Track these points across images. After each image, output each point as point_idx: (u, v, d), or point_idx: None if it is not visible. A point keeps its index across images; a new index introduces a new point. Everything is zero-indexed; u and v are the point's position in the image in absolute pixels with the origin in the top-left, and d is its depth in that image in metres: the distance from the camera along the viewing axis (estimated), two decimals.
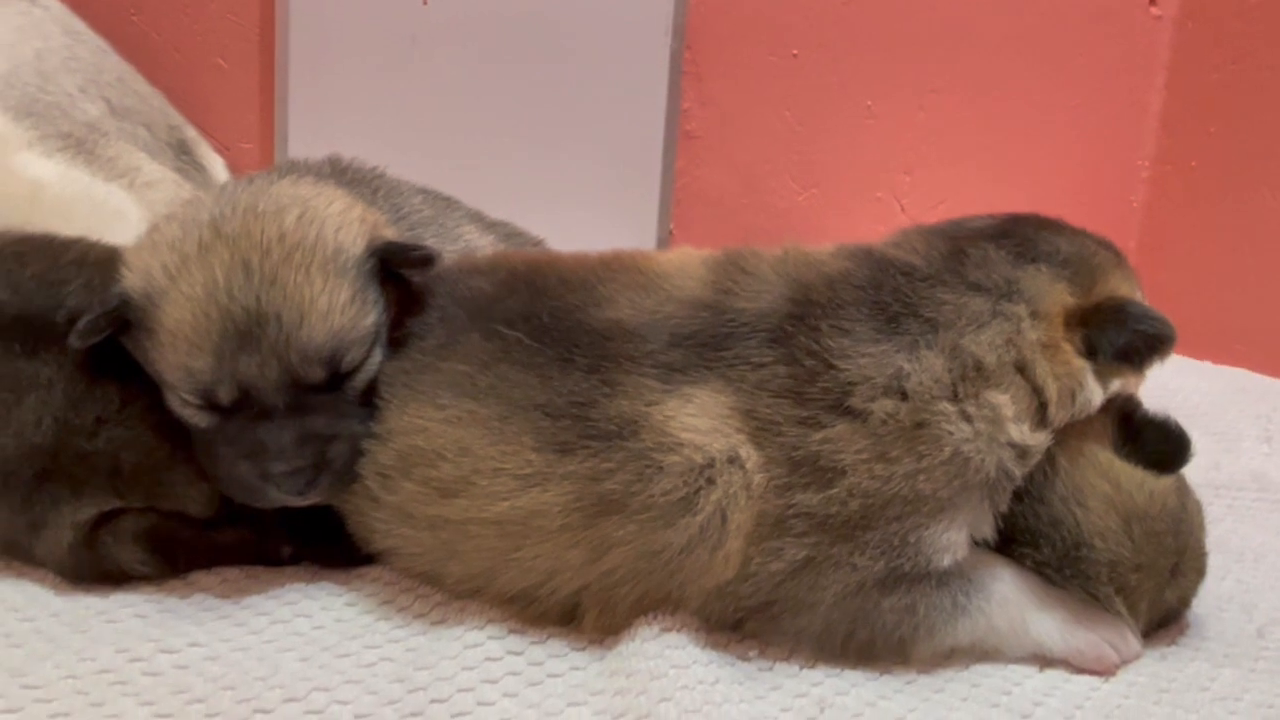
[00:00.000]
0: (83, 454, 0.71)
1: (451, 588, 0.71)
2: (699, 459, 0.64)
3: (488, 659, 0.63)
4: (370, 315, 0.72)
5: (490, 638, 0.66)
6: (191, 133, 1.43)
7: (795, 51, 1.71)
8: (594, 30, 1.63)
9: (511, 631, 0.67)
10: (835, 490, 0.63)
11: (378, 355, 0.73)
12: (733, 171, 1.73)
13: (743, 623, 0.67)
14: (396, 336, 0.75)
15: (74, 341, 0.70)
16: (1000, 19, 1.67)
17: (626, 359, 0.67)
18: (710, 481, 0.64)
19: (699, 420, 0.65)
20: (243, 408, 0.68)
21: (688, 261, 0.73)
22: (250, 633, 0.67)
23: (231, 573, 0.74)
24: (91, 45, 1.30)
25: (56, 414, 0.72)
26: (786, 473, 0.63)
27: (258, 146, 1.65)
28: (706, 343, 0.67)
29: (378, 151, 0.95)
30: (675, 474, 0.64)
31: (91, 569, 0.72)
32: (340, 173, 0.88)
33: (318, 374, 0.69)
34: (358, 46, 1.61)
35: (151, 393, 0.72)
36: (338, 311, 0.69)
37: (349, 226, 0.73)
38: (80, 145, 1.14)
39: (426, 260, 0.75)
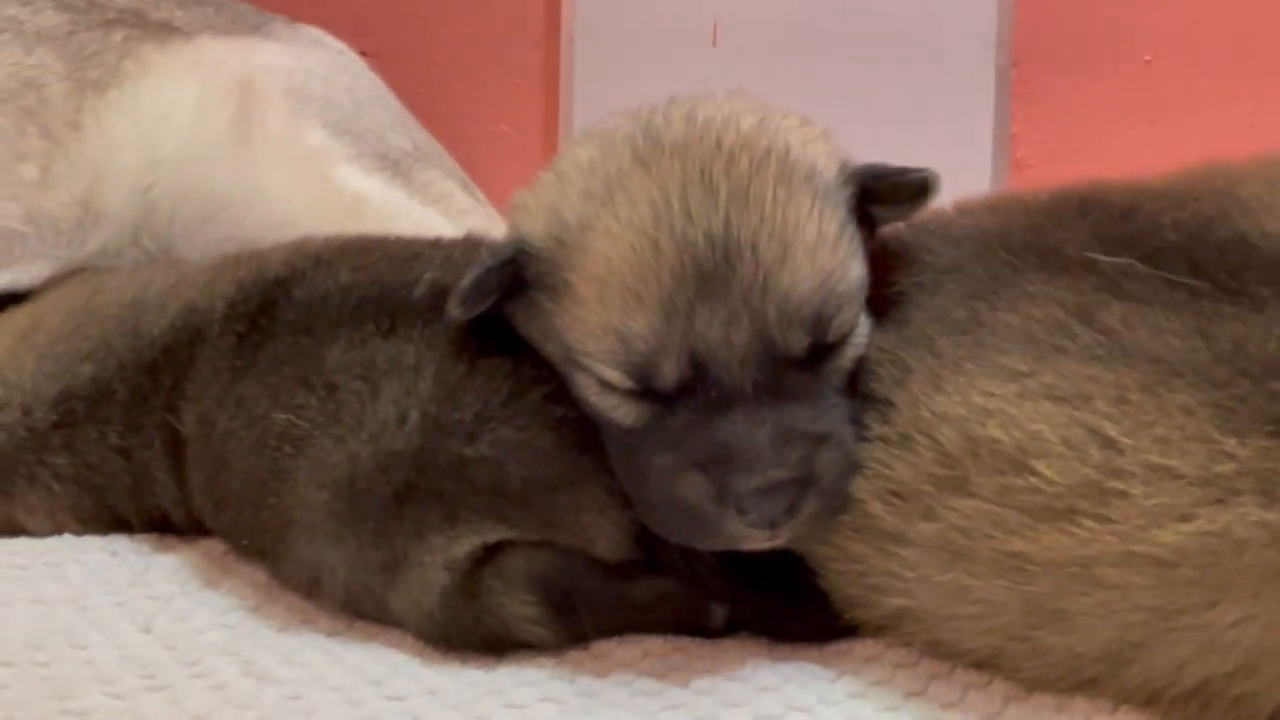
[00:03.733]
0: (459, 463, 0.50)
1: (1037, 674, 0.42)
2: None
3: None
4: (858, 263, 0.49)
5: None
6: (480, 194, 1.35)
7: (1148, 57, 1.43)
8: (906, 53, 1.43)
9: None
10: None
11: (865, 324, 0.49)
12: None
13: None
14: (878, 298, 0.51)
15: (454, 309, 0.50)
16: None
17: None
18: None
19: None
20: (692, 393, 0.45)
21: None
22: None
23: (653, 644, 0.50)
24: (394, 98, 1.25)
25: (425, 408, 0.52)
26: None
27: None
28: None
29: None
30: None
31: (470, 626, 0.49)
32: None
33: (799, 341, 0.46)
34: (644, 96, 1.49)
35: (551, 380, 0.51)
36: (828, 247, 0.47)
37: (815, 143, 0.52)
38: (396, 167, 1.05)
39: (923, 188, 0.51)
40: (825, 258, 0.46)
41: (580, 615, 0.50)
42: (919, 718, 0.42)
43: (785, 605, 0.51)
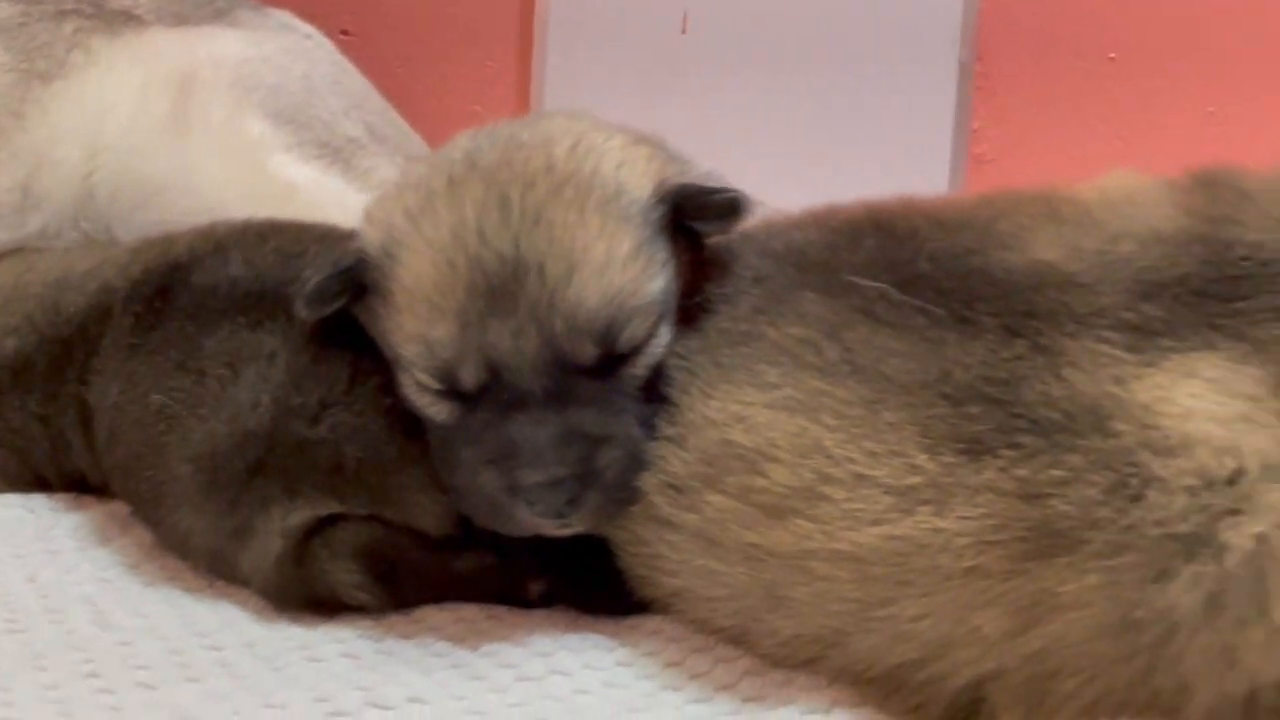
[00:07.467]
0: (301, 443, 0.56)
1: (771, 651, 0.48)
2: (1221, 466, 0.38)
3: None
4: (657, 279, 0.53)
5: None
6: None
7: (1112, 54, 1.44)
8: (869, 44, 1.45)
9: None
10: None
11: (664, 334, 0.53)
12: None
13: None
14: (690, 306, 0.55)
15: (301, 311, 0.56)
16: None
17: (1067, 317, 0.44)
18: (1243, 502, 0.38)
19: (1214, 404, 0.40)
20: (491, 395, 0.50)
21: (1136, 187, 0.49)
22: (491, 690, 0.47)
23: (468, 611, 0.55)
24: (359, 81, 1.29)
25: (276, 393, 0.57)
26: None
27: None
28: (1205, 291, 0.43)
29: None
30: (1178, 490, 0.39)
31: (299, 589, 0.55)
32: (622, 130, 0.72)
33: (587, 351, 0.50)
34: (614, 83, 1.52)
35: (385, 371, 0.57)
36: (617, 266, 0.51)
37: (633, 164, 0.55)
38: (337, 154, 1.09)
39: (732, 206, 0.56)
40: (615, 276, 0.51)
41: (402, 583, 0.56)
42: (665, 684, 0.48)
43: (590, 583, 0.57)
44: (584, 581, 0.57)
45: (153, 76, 0.92)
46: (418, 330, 0.51)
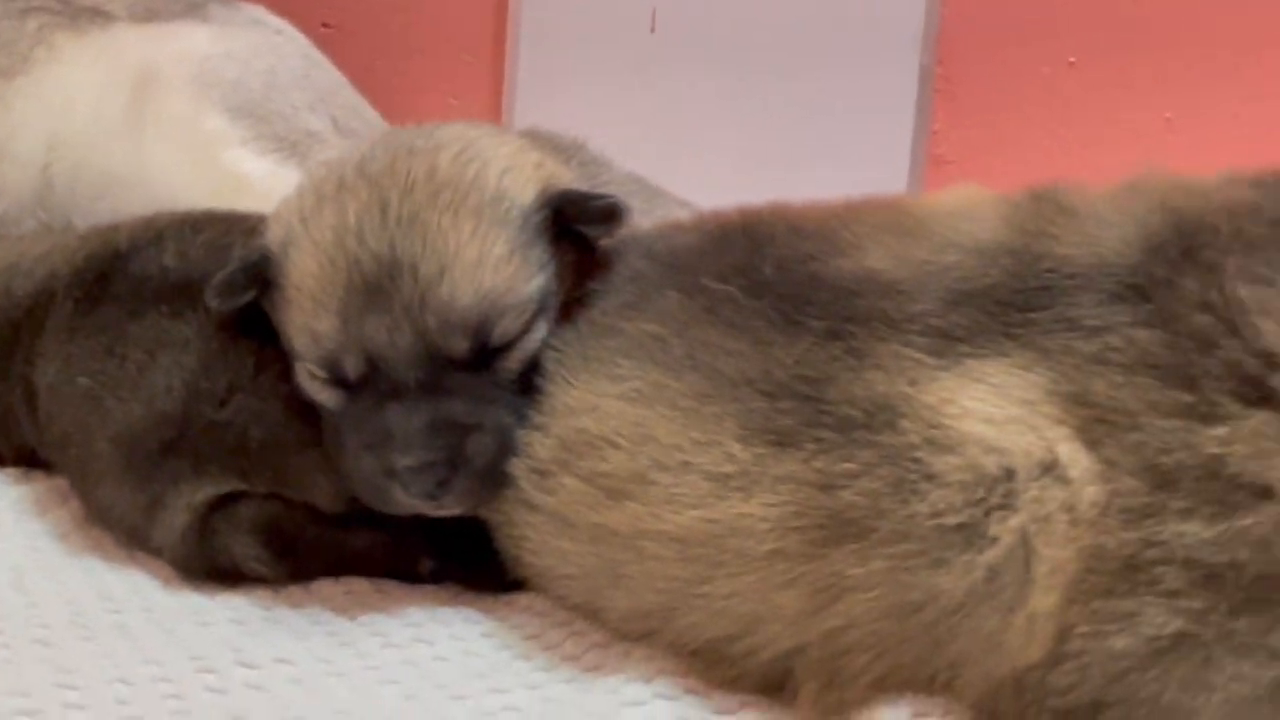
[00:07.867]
0: (210, 425, 0.60)
1: (615, 626, 0.52)
2: (991, 464, 0.42)
3: None
4: (534, 280, 0.56)
5: (658, 696, 0.47)
6: None
7: (1072, 59, 1.46)
8: (832, 46, 1.48)
9: (689, 692, 0.47)
10: (1246, 522, 0.38)
11: (540, 330, 0.57)
12: None
13: None
14: (571, 302, 0.59)
15: (211, 302, 0.60)
16: None
17: (882, 322, 0.47)
18: (1009, 499, 0.42)
19: (992, 407, 0.43)
20: (371, 385, 0.55)
21: (973, 200, 0.53)
22: (356, 655, 0.52)
23: (359, 585, 0.60)
24: (330, 75, 1.32)
25: (187, 378, 0.62)
26: (1147, 489, 0.40)
27: None
28: (1007, 301, 0.46)
29: None
30: (953, 486, 0.42)
31: (203, 560, 0.60)
32: (530, 135, 0.76)
33: (460, 345, 0.54)
34: (584, 78, 1.56)
35: (285, 359, 0.61)
36: (489, 267, 0.55)
37: (518, 171, 0.59)
38: (294, 148, 1.13)
39: (611, 213, 0.59)
40: (485, 277, 0.54)
41: (298, 557, 0.61)
42: (519, 654, 0.52)
43: (472, 561, 0.61)
44: (468, 560, 0.61)
45: (114, 73, 0.96)
46: (305, 324, 0.55)
